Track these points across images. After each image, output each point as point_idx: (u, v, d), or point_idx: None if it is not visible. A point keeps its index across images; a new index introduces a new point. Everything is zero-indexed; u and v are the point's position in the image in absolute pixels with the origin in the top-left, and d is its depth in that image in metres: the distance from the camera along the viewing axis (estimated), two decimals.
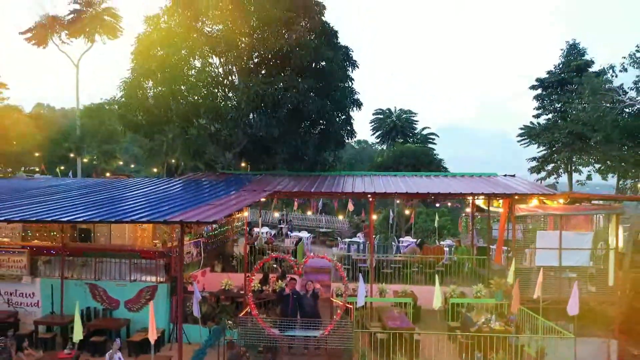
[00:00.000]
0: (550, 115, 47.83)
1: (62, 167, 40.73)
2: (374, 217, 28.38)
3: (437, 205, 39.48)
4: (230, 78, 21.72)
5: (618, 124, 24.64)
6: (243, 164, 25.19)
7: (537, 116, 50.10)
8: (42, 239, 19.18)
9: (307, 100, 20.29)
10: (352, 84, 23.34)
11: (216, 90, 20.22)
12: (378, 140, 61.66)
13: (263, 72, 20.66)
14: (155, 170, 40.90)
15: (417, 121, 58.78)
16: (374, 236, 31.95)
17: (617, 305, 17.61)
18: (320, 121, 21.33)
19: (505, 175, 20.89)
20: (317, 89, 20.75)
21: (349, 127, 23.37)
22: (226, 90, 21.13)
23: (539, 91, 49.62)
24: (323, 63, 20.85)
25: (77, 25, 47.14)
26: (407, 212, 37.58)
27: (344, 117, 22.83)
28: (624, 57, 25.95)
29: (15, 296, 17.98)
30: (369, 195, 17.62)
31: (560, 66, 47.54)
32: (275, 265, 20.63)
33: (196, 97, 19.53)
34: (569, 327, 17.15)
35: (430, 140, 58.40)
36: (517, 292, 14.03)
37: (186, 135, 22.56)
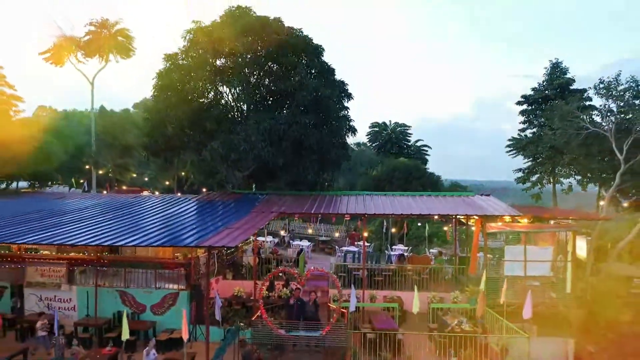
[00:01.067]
0: (535, 130, 50.19)
1: (81, 180, 42.87)
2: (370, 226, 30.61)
3: None
4: (240, 107, 24.06)
5: (585, 146, 27.12)
6: (250, 179, 27.52)
7: (523, 130, 52.68)
8: (78, 251, 21.48)
9: (308, 133, 22.71)
10: (348, 112, 25.92)
11: (228, 122, 22.64)
12: (375, 151, 64.23)
13: (269, 102, 23.13)
14: (167, 183, 43.32)
15: (410, 134, 61.40)
16: (368, 244, 34.56)
17: (574, 308, 20.10)
18: (319, 149, 23.78)
19: (482, 195, 23.34)
20: (316, 123, 23.21)
21: (344, 151, 25.95)
22: (236, 116, 23.51)
23: (525, 107, 52.36)
24: (322, 99, 23.29)
25: (93, 46, 49.57)
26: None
27: (340, 142, 25.30)
28: (590, 87, 28.36)
29: (54, 301, 20.31)
30: (361, 216, 20.07)
31: (544, 83, 50.19)
32: (280, 274, 23.02)
33: (209, 126, 22.02)
34: (533, 328, 19.66)
35: (424, 152, 60.98)
36: (482, 299, 16.48)
37: (200, 156, 25.02)
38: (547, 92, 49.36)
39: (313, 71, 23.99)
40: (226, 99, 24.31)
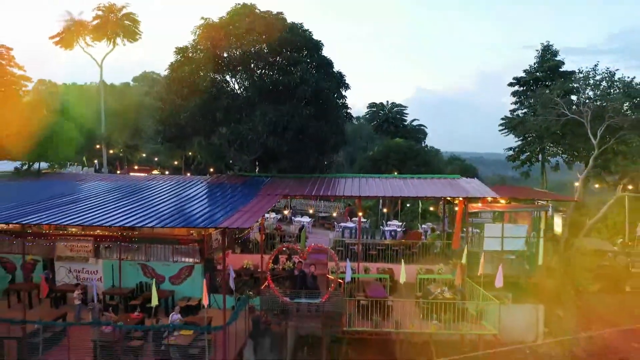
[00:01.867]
0: (525, 110, 51.83)
1: (95, 160, 44.81)
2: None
3: None
4: (247, 97, 25.76)
5: (566, 129, 29.04)
6: (255, 162, 29.41)
7: (514, 111, 54.38)
8: (103, 229, 23.45)
9: (309, 123, 24.73)
10: (345, 100, 27.88)
11: (235, 112, 24.52)
12: (373, 130, 66.01)
13: (274, 96, 24.95)
14: (175, 162, 45.23)
15: (407, 114, 63.11)
16: (365, 220, 36.75)
17: (545, 279, 22.36)
18: (319, 137, 25.72)
19: (467, 177, 25.39)
20: (316, 114, 25.14)
21: (342, 136, 27.93)
22: (243, 107, 25.36)
23: (517, 88, 53.90)
24: (321, 92, 25.14)
25: (101, 30, 50.95)
26: None
27: (338, 129, 27.20)
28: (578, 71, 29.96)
29: (82, 273, 22.33)
30: (356, 197, 22.13)
31: (535, 66, 51.69)
32: (284, 249, 25.17)
33: (219, 116, 23.92)
34: (509, 296, 21.94)
35: (422, 128, 62.68)
36: (460, 270, 18.69)
37: (209, 141, 26.98)
38: (537, 74, 51.01)
39: (314, 63, 25.73)
40: (234, 88, 26.03)
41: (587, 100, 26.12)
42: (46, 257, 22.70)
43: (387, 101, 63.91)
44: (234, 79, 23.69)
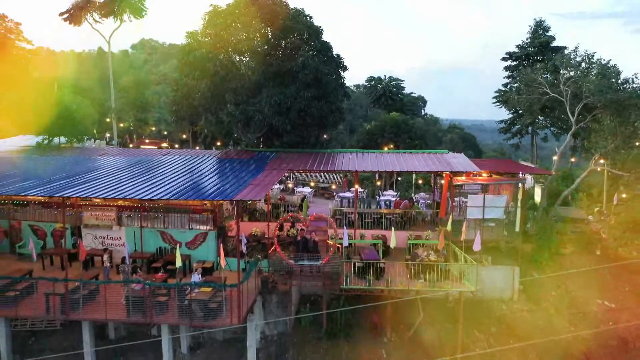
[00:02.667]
0: (517, 84, 53.35)
1: (107, 134, 46.49)
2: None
3: None
4: (254, 79, 27.50)
5: (550, 106, 30.92)
6: (261, 138, 31.37)
7: (506, 85, 55.89)
8: (124, 200, 25.28)
9: (310, 104, 26.67)
10: (343, 80, 29.64)
11: (244, 93, 26.40)
12: (371, 103, 67.56)
13: (278, 79, 26.87)
14: (184, 136, 47.00)
15: (404, 87, 64.45)
16: (363, 190, 38.90)
17: (522, 244, 24.63)
18: (320, 115, 27.66)
19: (454, 152, 27.39)
20: (317, 95, 27.09)
21: (340, 114, 29.92)
22: (250, 88, 27.19)
23: (509, 62, 55.25)
24: (321, 75, 26.97)
25: (108, 7, 51.77)
26: None
27: (336, 108, 29.12)
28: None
29: (107, 239, 24.43)
30: (352, 171, 24.21)
31: (528, 41, 52.93)
32: (289, 218, 27.33)
33: (227, 97, 25.85)
34: (488, 258, 24.26)
35: (422, 97, 63.93)
36: (442, 235, 20.94)
37: (217, 118, 28.91)
38: (530, 49, 52.40)
39: (315, 47, 27.39)
40: (241, 70, 27.74)
41: (568, 80, 27.74)
42: (74, 225, 24.85)
43: (385, 75, 65.31)
44: (242, 64, 25.32)
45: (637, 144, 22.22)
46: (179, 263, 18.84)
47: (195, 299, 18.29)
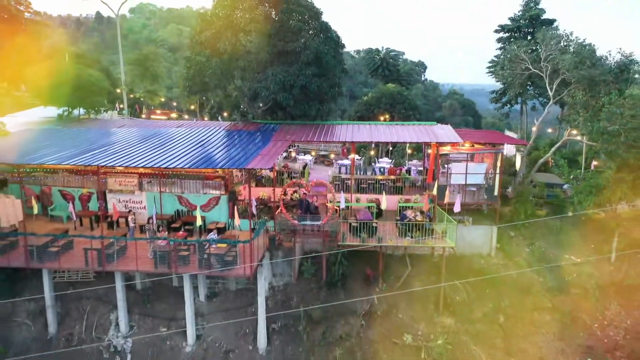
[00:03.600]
0: (509, 56, 54.80)
1: (120, 106, 48.01)
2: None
3: None
4: (260, 58, 29.51)
5: (529, 82, 33.08)
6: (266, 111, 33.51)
7: (498, 57, 57.30)
8: (145, 167, 27.70)
9: (311, 81, 28.78)
10: (341, 57, 31.68)
11: (251, 71, 28.58)
12: (370, 73, 69.07)
13: (282, 59, 29.11)
14: (192, 107, 48.87)
15: (400, 59, 65.86)
16: (360, 157, 41.25)
17: (500, 206, 27.12)
18: (320, 91, 29.95)
19: (441, 124, 29.68)
20: (317, 73, 29.24)
21: (339, 89, 32.16)
22: (256, 67, 29.33)
23: (501, 35, 56.58)
24: (322, 55, 29.13)
25: None
26: None
27: (335, 83, 31.33)
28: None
29: (130, 203, 26.74)
30: (349, 142, 26.59)
31: (520, 14, 54.18)
32: (293, 184, 29.74)
33: (236, 74, 28.15)
34: (470, 219, 26.77)
35: (421, 65, 65.03)
36: (426, 198, 23.44)
37: (226, 92, 31.10)
38: (521, 22, 53.74)
39: (314, 27, 29.47)
40: (248, 49, 29.62)
41: (548, 57, 29.58)
42: (99, 190, 27.24)
43: (382, 47, 66.64)
44: (249, 43, 27.29)
45: (602, 115, 24.29)
46: (199, 222, 21.39)
47: (213, 253, 20.91)
